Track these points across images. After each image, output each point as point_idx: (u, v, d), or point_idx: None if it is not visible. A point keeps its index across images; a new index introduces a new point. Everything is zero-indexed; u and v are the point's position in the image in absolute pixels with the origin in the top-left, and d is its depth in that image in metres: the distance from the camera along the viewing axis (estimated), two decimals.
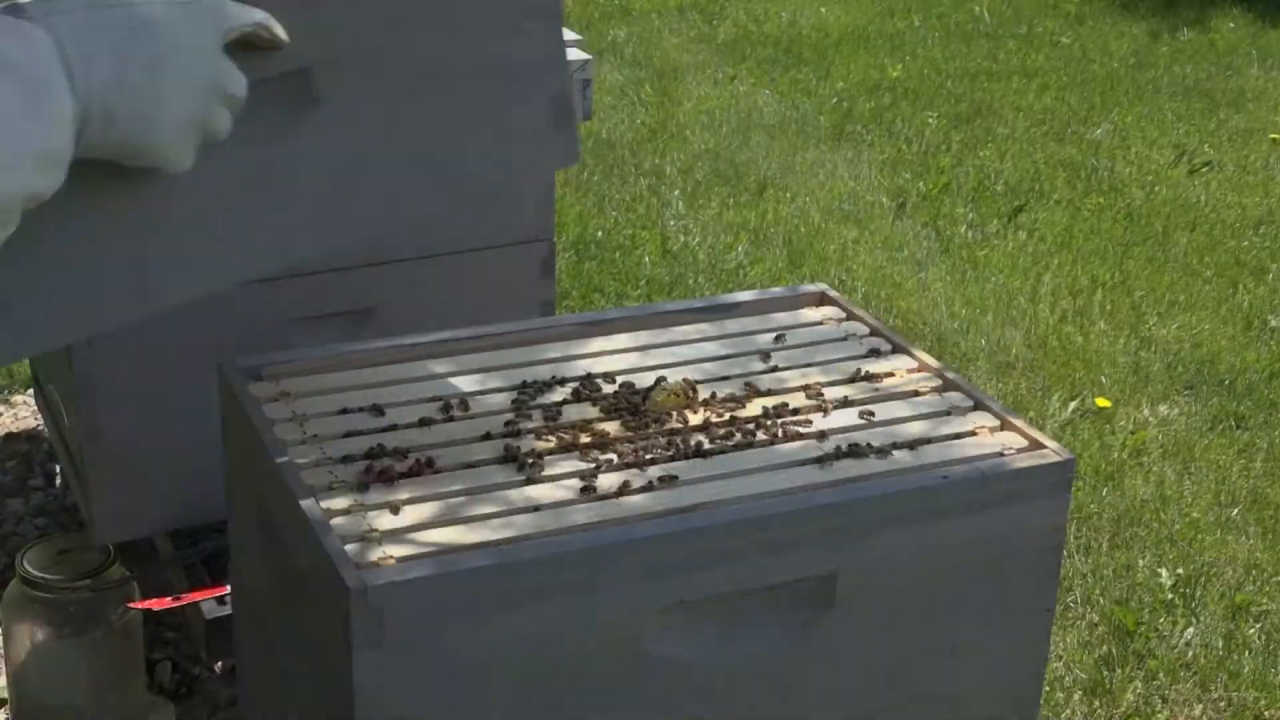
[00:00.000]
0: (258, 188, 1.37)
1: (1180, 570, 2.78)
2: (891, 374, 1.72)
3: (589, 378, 1.68)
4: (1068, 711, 2.43)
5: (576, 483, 1.48)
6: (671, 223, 4.29)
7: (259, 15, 1.31)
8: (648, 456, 1.53)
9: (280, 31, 1.33)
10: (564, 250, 4.01)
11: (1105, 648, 2.57)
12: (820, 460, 1.53)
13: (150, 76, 1.17)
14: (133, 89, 1.16)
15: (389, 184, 1.44)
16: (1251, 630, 2.63)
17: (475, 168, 1.49)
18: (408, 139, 1.44)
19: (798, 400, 1.65)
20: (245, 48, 1.30)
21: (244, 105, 1.28)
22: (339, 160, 1.40)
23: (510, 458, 1.52)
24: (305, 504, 1.41)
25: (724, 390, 1.67)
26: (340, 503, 1.43)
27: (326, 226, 1.43)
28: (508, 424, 1.58)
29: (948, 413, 1.65)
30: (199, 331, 2.03)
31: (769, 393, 1.67)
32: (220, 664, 2.41)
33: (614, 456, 1.53)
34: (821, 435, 1.58)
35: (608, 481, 1.48)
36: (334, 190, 1.41)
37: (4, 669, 2.25)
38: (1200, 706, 2.46)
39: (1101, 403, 3.38)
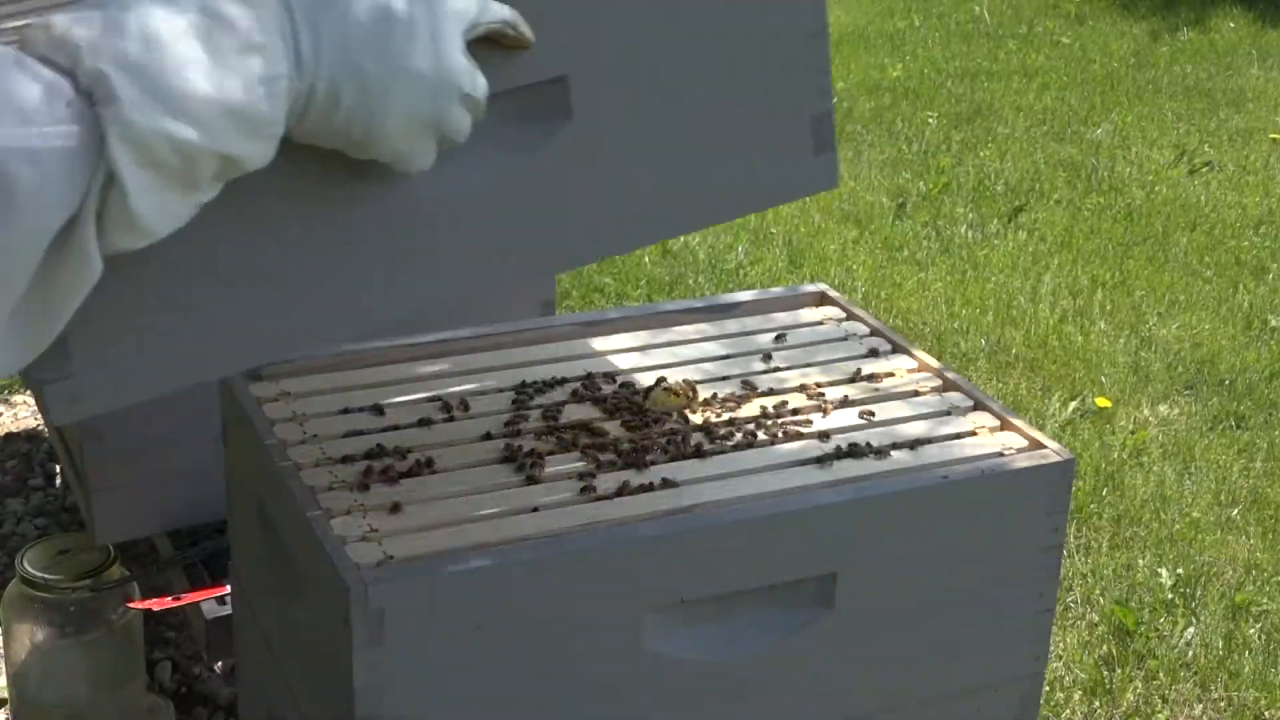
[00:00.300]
0: (499, 198, 1.29)
1: (1180, 570, 2.78)
2: (891, 374, 1.72)
3: (589, 377, 1.68)
4: (1068, 711, 2.43)
5: (576, 483, 1.48)
6: None
7: (506, 12, 1.22)
8: (648, 457, 1.53)
9: (527, 31, 1.24)
10: None
11: (1105, 648, 2.57)
12: (820, 460, 1.53)
13: (383, 65, 1.11)
14: (362, 75, 1.10)
15: (635, 202, 1.36)
16: (1251, 630, 2.63)
17: (728, 190, 1.41)
18: (661, 156, 1.36)
19: (798, 400, 1.65)
20: (490, 46, 1.23)
21: (487, 110, 1.20)
22: (586, 175, 1.32)
23: (510, 458, 1.52)
24: (305, 504, 1.41)
25: (724, 390, 1.67)
26: (340, 503, 1.42)
27: (566, 242, 1.35)
28: (508, 424, 1.58)
29: (948, 413, 1.64)
30: None
31: (769, 392, 1.67)
32: (220, 664, 2.41)
33: (614, 456, 1.53)
34: (821, 435, 1.58)
35: (607, 481, 1.48)
36: (577, 206, 1.33)
37: (4, 669, 2.25)
38: (1200, 706, 2.46)
39: (1101, 402, 3.38)
